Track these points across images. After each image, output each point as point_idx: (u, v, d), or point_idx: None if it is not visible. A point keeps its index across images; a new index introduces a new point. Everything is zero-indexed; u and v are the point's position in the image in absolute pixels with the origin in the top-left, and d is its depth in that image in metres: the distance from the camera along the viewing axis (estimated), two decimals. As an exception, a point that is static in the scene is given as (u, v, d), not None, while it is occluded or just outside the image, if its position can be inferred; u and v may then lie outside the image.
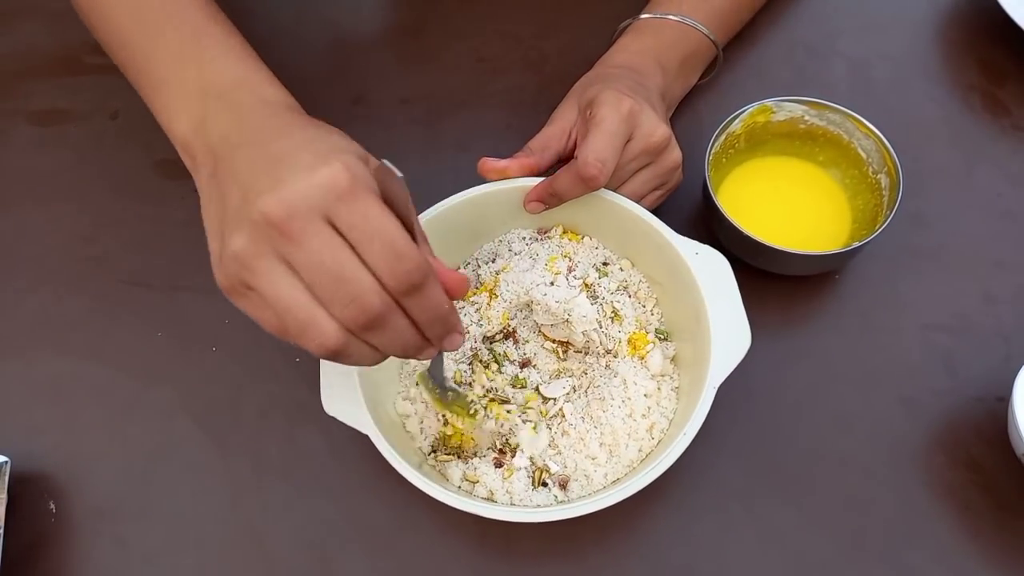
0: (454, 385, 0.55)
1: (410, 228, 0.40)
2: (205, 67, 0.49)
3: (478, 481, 0.54)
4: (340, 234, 0.39)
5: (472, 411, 0.54)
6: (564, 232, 0.62)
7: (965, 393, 0.61)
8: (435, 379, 0.53)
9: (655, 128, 0.57)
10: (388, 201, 0.40)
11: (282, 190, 0.38)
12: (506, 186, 0.58)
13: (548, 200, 0.57)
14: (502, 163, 0.57)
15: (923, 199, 0.67)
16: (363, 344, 0.41)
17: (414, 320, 0.41)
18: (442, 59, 0.75)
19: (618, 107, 0.55)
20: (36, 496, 0.59)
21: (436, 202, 0.58)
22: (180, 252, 0.67)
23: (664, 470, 0.50)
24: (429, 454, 0.56)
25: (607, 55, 0.66)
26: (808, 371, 0.62)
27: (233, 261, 0.40)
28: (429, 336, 0.43)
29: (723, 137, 0.62)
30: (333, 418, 0.52)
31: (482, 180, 0.58)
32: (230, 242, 0.40)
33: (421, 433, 0.57)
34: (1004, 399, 0.58)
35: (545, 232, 0.62)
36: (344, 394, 0.52)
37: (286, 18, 0.78)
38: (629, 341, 0.57)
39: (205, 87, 0.48)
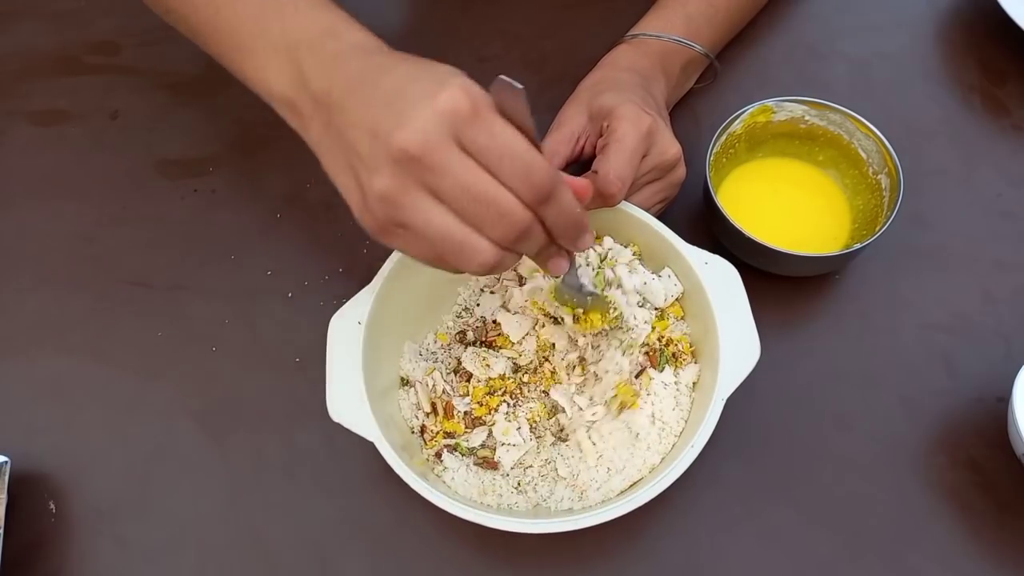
0: (592, 288, 0.54)
1: (531, 139, 0.41)
2: (288, 21, 0.48)
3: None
4: (472, 155, 0.40)
5: (614, 312, 0.54)
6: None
7: (965, 393, 0.61)
8: (572, 287, 0.53)
9: (669, 146, 0.58)
10: (506, 116, 0.41)
11: (411, 122, 0.39)
12: None
13: None
14: None
15: (923, 199, 0.67)
16: (513, 254, 0.43)
17: (550, 226, 0.43)
18: (442, 59, 0.74)
19: (638, 124, 0.56)
20: (36, 496, 0.59)
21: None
22: (180, 252, 0.67)
23: (670, 483, 0.50)
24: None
25: (611, 56, 0.66)
26: (808, 371, 0.62)
27: (380, 202, 0.41)
28: (565, 239, 0.45)
29: (724, 137, 0.62)
30: (334, 421, 0.52)
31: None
32: (373, 184, 0.41)
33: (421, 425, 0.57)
34: (1004, 399, 0.58)
35: None
36: (349, 401, 0.52)
37: (286, 18, 0.77)
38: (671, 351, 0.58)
39: (293, 41, 0.47)
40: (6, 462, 0.57)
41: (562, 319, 0.56)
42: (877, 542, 0.57)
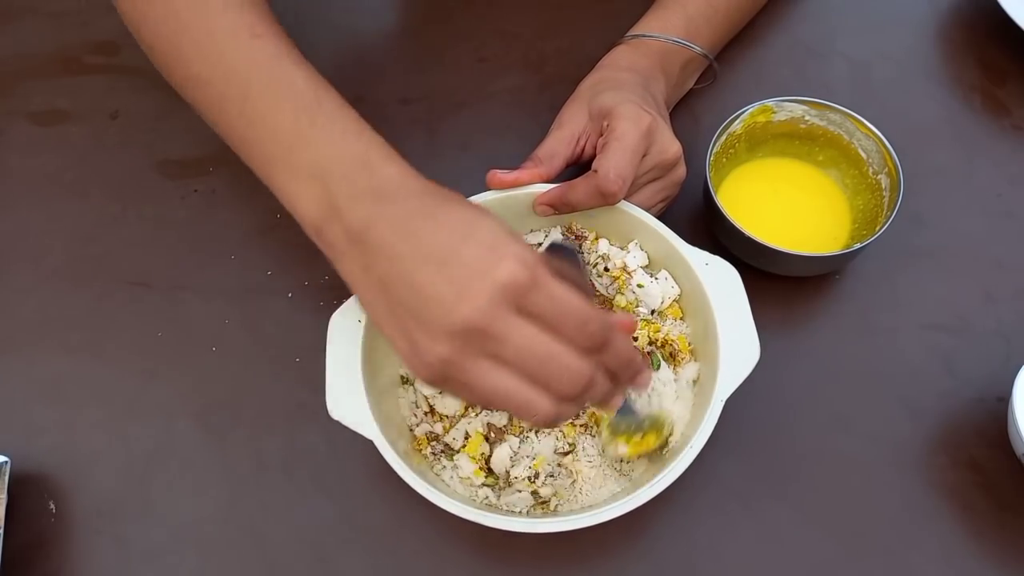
0: (647, 411, 0.53)
1: (584, 290, 0.43)
2: (321, 145, 0.47)
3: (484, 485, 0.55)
4: (531, 319, 0.41)
5: (668, 430, 0.54)
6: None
7: (965, 393, 0.61)
8: (627, 414, 0.52)
9: (669, 145, 0.58)
10: (560, 273, 0.42)
11: (473, 298, 0.40)
12: (516, 192, 0.58)
13: (561, 208, 0.58)
14: (511, 175, 0.57)
15: (923, 199, 0.67)
16: (573, 405, 0.43)
17: (609, 369, 0.44)
18: (442, 59, 0.75)
19: (638, 123, 0.56)
20: (36, 496, 0.59)
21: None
22: (180, 252, 0.67)
23: (669, 484, 0.50)
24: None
25: (610, 56, 0.66)
26: (808, 371, 0.62)
27: (440, 363, 0.41)
28: (625, 379, 0.45)
29: (724, 137, 0.62)
30: (332, 417, 0.52)
31: (485, 180, 0.58)
32: (434, 351, 0.41)
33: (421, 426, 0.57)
34: (1004, 399, 0.58)
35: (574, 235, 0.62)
36: (349, 399, 0.52)
37: (286, 18, 0.77)
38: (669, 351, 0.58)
39: (325, 168, 0.46)
40: (6, 462, 0.57)
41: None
42: (877, 542, 0.57)
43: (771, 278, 0.62)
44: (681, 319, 0.59)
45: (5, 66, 0.75)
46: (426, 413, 0.57)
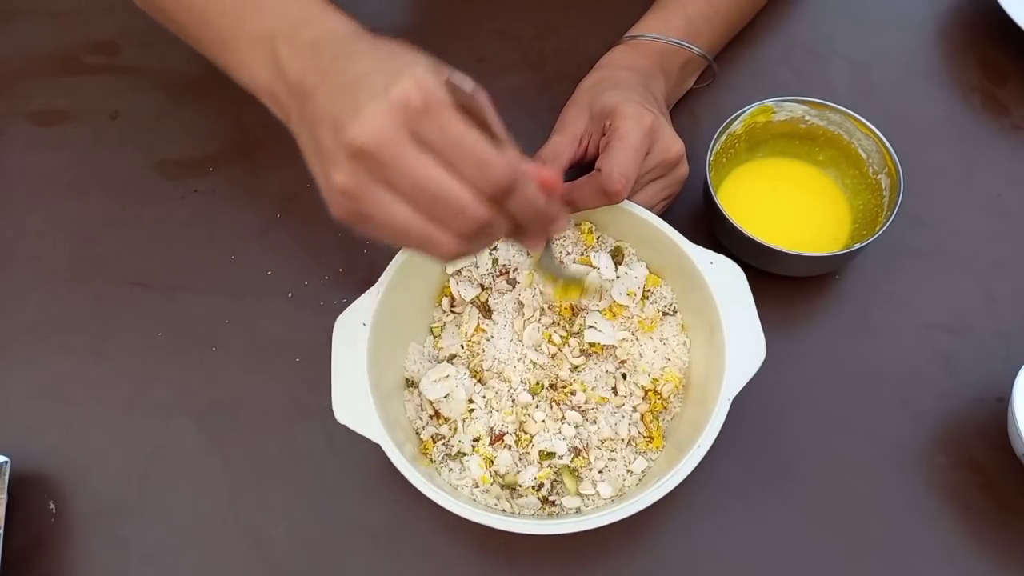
0: (566, 270, 0.55)
1: (491, 131, 0.41)
2: (265, 12, 0.49)
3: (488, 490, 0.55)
4: (429, 151, 0.40)
5: (593, 289, 0.56)
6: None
7: (965, 393, 0.61)
8: (547, 268, 0.53)
9: (672, 143, 0.58)
10: (467, 110, 0.41)
11: (364, 118, 0.39)
12: None
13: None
14: None
15: (923, 199, 0.67)
16: (478, 241, 0.43)
17: (515, 217, 0.43)
18: (442, 59, 0.74)
19: (640, 121, 0.56)
20: (36, 496, 0.59)
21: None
22: (180, 252, 0.67)
23: (677, 484, 0.50)
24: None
25: (610, 56, 0.66)
26: (808, 371, 0.62)
27: (341, 196, 0.41)
28: (532, 228, 0.45)
29: (724, 137, 0.62)
30: (333, 418, 0.52)
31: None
32: (334, 178, 0.41)
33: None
34: (1004, 399, 0.58)
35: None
36: (355, 403, 0.52)
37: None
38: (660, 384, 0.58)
39: (270, 32, 0.47)
40: (6, 462, 0.57)
41: (543, 292, 0.57)
42: (877, 542, 0.57)
43: (771, 278, 0.62)
44: (660, 285, 0.60)
45: (5, 66, 0.75)
46: (431, 416, 0.57)
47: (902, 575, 0.56)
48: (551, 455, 0.55)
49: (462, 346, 0.58)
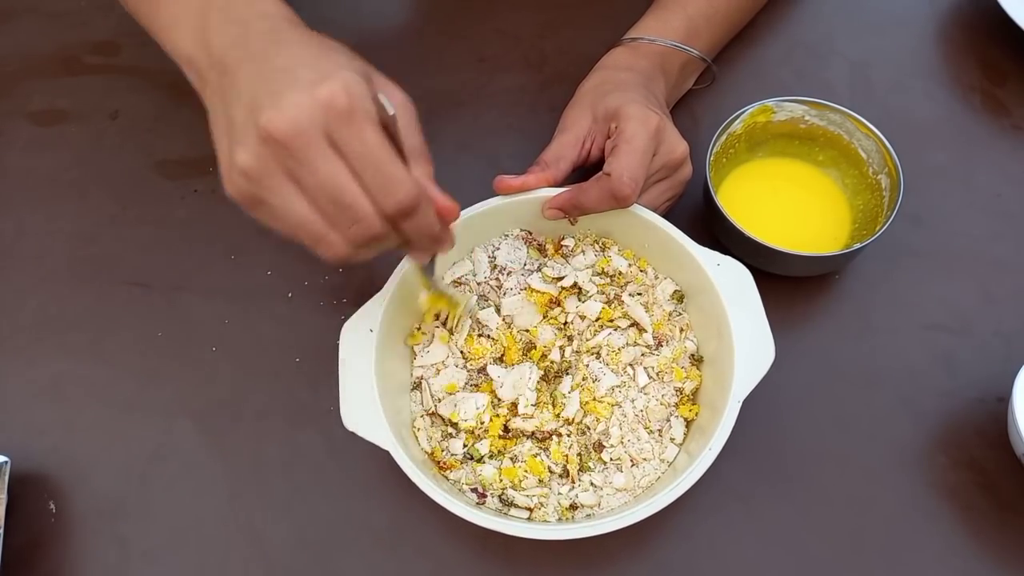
0: (443, 285, 0.56)
1: (401, 151, 0.42)
2: None
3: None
4: (341, 155, 0.40)
5: (462, 308, 0.56)
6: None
7: (965, 393, 0.61)
8: (426, 275, 0.53)
9: (676, 145, 0.58)
10: (385, 125, 0.41)
11: (284, 105, 0.39)
12: (524, 197, 0.58)
13: (571, 212, 0.58)
14: (518, 180, 0.57)
15: (923, 199, 0.67)
16: (367, 250, 0.43)
17: (405, 234, 0.44)
18: (442, 59, 0.75)
19: (646, 124, 0.56)
20: (36, 496, 0.59)
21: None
22: (180, 252, 0.67)
23: (688, 487, 0.50)
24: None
25: (609, 57, 0.66)
26: (808, 371, 0.62)
27: (241, 176, 0.41)
28: (419, 247, 0.46)
29: (724, 137, 0.62)
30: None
31: (488, 183, 0.58)
32: (237, 157, 0.40)
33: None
34: (1005, 399, 0.58)
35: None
36: (363, 410, 0.52)
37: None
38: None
39: (205, 3, 0.47)
40: (6, 462, 0.57)
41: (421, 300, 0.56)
42: (877, 542, 0.57)
43: (771, 278, 0.62)
44: (644, 270, 0.60)
45: (5, 66, 0.75)
46: (432, 413, 0.57)
47: (902, 575, 0.56)
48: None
49: (462, 352, 0.58)
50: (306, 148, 0.39)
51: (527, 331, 0.58)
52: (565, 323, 0.58)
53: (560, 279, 0.58)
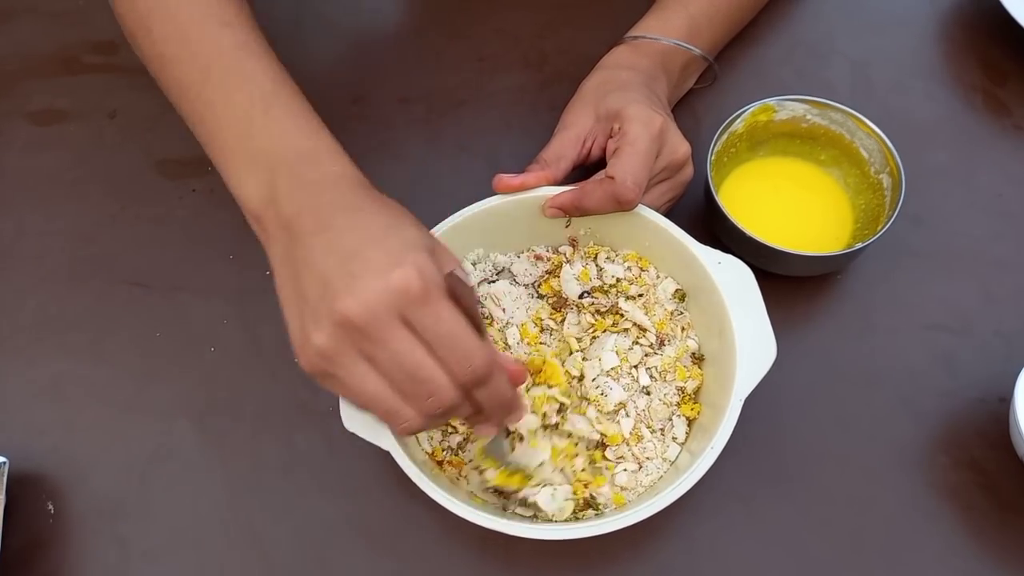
0: (513, 459, 0.54)
1: (476, 324, 0.43)
2: (275, 138, 0.48)
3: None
4: (415, 333, 0.41)
5: (536, 481, 0.54)
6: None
7: (966, 393, 0.61)
8: (495, 454, 0.53)
9: (679, 145, 0.58)
10: (455, 298, 0.42)
11: (360, 293, 0.40)
12: (524, 196, 0.58)
13: (572, 212, 0.57)
14: (518, 179, 0.57)
15: (924, 199, 0.67)
16: (438, 421, 0.44)
17: (480, 404, 0.44)
18: (442, 58, 0.75)
19: (649, 125, 0.56)
20: (35, 497, 0.58)
21: (435, 202, 0.57)
22: (180, 252, 0.67)
23: (691, 486, 0.50)
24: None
25: (611, 56, 0.66)
26: (809, 371, 0.62)
27: (316, 355, 0.42)
28: (493, 417, 0.46)
29: (725, 136, 0.62)
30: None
31: (488, 183, 0.58)
32: (313, 338, 0.41)
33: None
34: (1006, 399, 0.58)
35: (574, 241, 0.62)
36: (364, 412, 0.51)
37: (286, 18, 0.77)
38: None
39: (274, 160, 0.47)
40: (5, 463, 0.57)
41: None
42: (878, 542, 0.56)
43: (772, 278, 0.62)
44: (645, 269, 0.59)
45: (4, 65, 0.75)
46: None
47: (903, 575, 0.56)
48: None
49: None
50: (381, 331, 0.40)
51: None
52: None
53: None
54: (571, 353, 0.58)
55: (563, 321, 0.59)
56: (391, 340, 0.41)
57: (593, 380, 0.56)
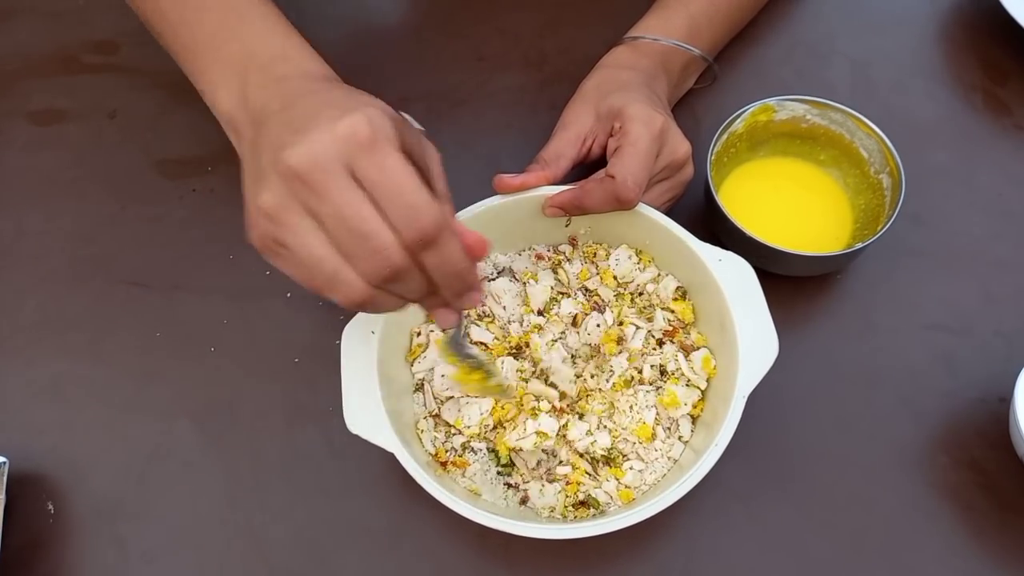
0: (474, 351, 0.52)
1: (430, 182, 0.40)
2: (247, 42, 0.49)
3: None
4: (362, 187, 0.39)
5: (495, 382, 0.52)
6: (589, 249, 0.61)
7: (967, 393, 0.61)
8: (455, 346, 0.51)
9: (679, 145, 0.58)
10: (409, 154, 0.40)
11: (305, 142, 0.39)
12: (524, 195, 0.58)
13: (573, 212, 0.57)
14: (518, 179, 0.57)
15: (924, 199, 0.67)
16: (387, 294, 0.41)
17: (431, 274, 0.41)
18: (442, 58, 0.75)
19: (650, 125, 0.56)
20: (34, 497, 0.58)
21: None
22: (180, 252, 0.67)
23: (695, 483, 0.50)
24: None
25: (611, 56, 0.66)
26: (809, 371, 0.62)
27: (262, 216, 0.40)
28: (447, 290, 0.43)
29: (725, 137, 0.62)
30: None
31: (488, 183, 0.58)
32: (259, 197, 0.40)
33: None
34: (1006, 399, 0.58)
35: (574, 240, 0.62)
36: (366, 413, 0.51)
37: (287, 16, 0.77)
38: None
39: (247, 62, 0.48)
40: (4, 463, 0.57)
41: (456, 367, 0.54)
42: (878, 542, 0.56)
43: (772, 278, 0.62)
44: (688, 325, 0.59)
45: (4, 65, 0.75)
46: (435, 415, 0.57)
47: (903, 575, 0.56)
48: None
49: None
50: (325, 180, 0.38)
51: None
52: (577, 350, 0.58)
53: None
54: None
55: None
56: (333, 190, 0.38)
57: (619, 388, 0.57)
